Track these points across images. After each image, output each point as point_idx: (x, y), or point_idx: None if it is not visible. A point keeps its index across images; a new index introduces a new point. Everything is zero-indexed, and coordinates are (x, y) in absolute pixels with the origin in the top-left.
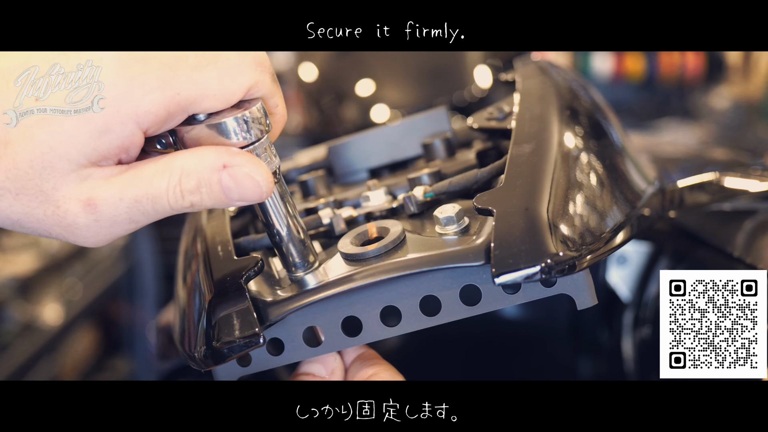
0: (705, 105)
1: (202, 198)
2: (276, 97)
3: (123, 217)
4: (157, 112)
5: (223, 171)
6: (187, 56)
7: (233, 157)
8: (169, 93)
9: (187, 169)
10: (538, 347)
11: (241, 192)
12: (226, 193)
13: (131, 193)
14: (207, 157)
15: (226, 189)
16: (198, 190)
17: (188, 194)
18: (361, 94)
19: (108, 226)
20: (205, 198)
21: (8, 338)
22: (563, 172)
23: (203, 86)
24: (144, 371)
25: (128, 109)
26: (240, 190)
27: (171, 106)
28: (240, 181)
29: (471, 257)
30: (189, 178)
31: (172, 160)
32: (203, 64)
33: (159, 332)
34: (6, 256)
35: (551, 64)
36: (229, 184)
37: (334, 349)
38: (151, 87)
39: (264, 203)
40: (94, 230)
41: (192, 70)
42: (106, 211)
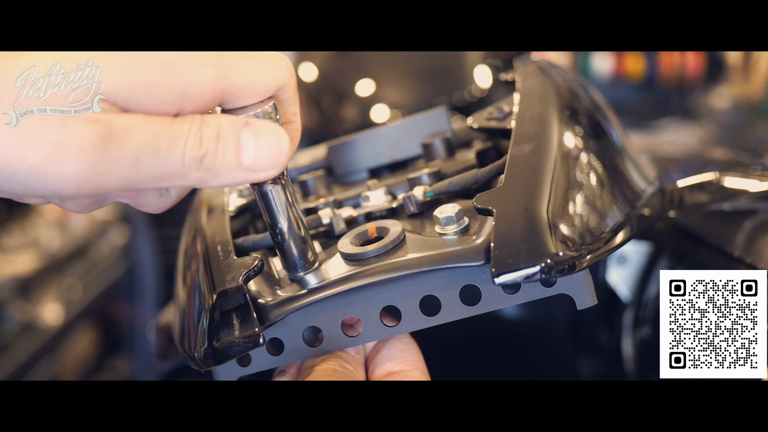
0: (705, 105)
1: (217, 151)
2: (296, 105)
3: (131, 153)
4: (204, 89)
5: (244, 126)
6: (230, 53)
7: (255, 121)
8: (221, 72)
9: (209, 120)
10: (538, 347)
11: (258, 152)
12: (242, 151)
13: (151, 129)
14: (229, 117)
15: (243, 146)
16: (216, 140)
17: (206, 142)
18: (361, 94)
19: (112, 160)
20: (219, 153)
21: (8, 338)
22: (563, 172)
23: (248, 77)
24: (144, 371)
25: (181, 74)
26: (257, 149)
27: (217, 89)
28: (260, 137)
29: (471, 257)
30: (209, 126)
31: (194, 115)
32: (246, 57)
33: (159, 332)
34: (6, 256)
35: (551, 64)
36: (247, 141)
37: (333, 349)
38: (207, 62)
39: (268, 199)
40: (95, 162)
41: (239, 59)
42: (120, 143)
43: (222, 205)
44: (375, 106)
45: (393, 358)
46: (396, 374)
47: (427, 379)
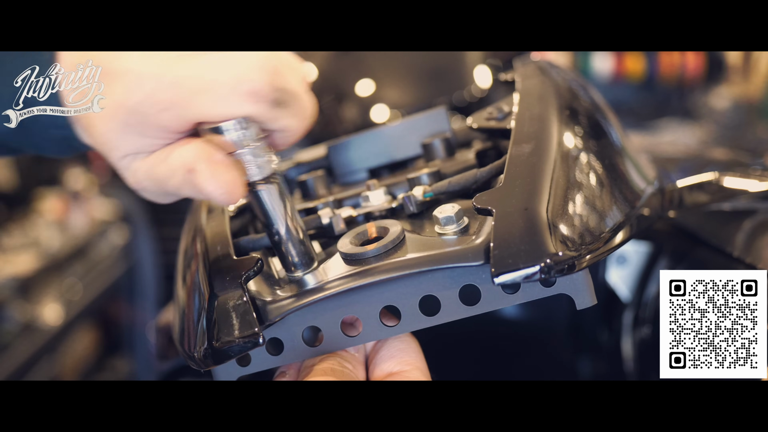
0: (705, 105)
1: (187, 192)
2: (280, 121)
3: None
4: (169, 131)
5: (189, 174)
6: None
7: (196, 161)
8: (180, 113)
9: (173, 163)
10: (538, 347)
11: (206, 194)
12: (197, 192)
13: (154, 176)
14: (180, 156)
15: (196, 189)
16: (182, 185)
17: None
18: (360, 94)
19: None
20: (188, 192)
21: (8, 338)
22: (563, 172)
23: (209, 111)
24: (144, 371)
25: (144, 126)
26: (204, 192)
27: (182, 126)
28: (201, 185)
29: (470, 257)
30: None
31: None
32: (201, 90)
33: (159, 332)
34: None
35: (551, 64)
36: (195, 186)
37: (333, 349)
38: (164, 106)
39: (263, 203)
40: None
41: (198, 89)
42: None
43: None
44: (375, 106)
45: (393, 358)
46: (395, 375)
47: (427, 379)
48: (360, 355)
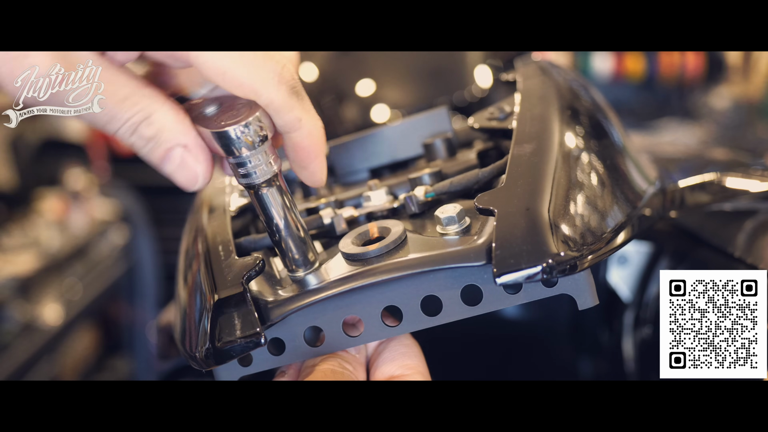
0: (705, 105)
1: (143, 147)
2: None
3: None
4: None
5: (181, 148)
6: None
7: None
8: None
9: (154, 120)
10: (539, 347)
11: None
12: (164, 162)
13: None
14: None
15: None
16: (147, 141)
17: (136, 136)
18: (361, 94)
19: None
20: (145, 149)
21: (8, 338)
22: (564, 172)
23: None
24: (144, 371)
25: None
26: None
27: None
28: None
29: (472, 257)
30: (149, 126)
31: (142, 105)
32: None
33: (159, 332)
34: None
35: (552, 64)
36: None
37: (335, 349)
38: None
39: (264, 203)
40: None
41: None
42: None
43: (223, 205)
44: (375, 107)
45: (394, 361)
46: (396, 378)
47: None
48: (361, 357)
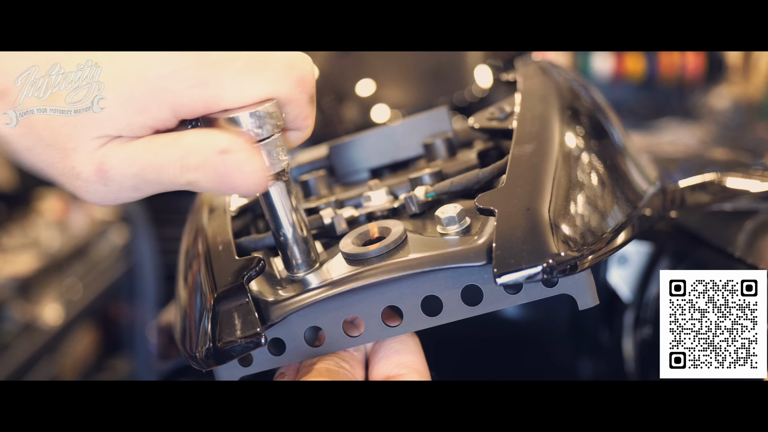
0: (705, 105)
1: (199, 179)
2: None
3: (129, 184)
4: (194, 108)
5: (221, 155)
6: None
7: (232, 143)
8: (209, 92)
9: (192, 148)
10: (539, 347)
11: (232, 180)
12: (220, 178)
13: (139, 163)
14: (210, 138)
15: (221, 174)
16: (197, 169)
17: (187, 172)
18: (361, 94)
19: (115, 191)
20: (202, 179)
21: (8, 338)
22: (564, 172)
23: (239, 97)
24: (144, 371)
25: (169, 97)
26: (231, 178)
27: (208, 107)
28: (231, 169)
29: (472, 257)
30: (191, 156)
31: (180, 136)
32: (247, 71)
33: (159, 332)
34: (6, 256)
35: (552, 64)
36: (224, 170)
37: (335, 349)
38: (194, 82)
39: (271, 200)
40: (102, 193)
41: (231, 76)
42: (115, 177)
43: (223, 205)
44: (376, 106)
45: (388, 359)
46: (393, 378)
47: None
48: (359, 355)
